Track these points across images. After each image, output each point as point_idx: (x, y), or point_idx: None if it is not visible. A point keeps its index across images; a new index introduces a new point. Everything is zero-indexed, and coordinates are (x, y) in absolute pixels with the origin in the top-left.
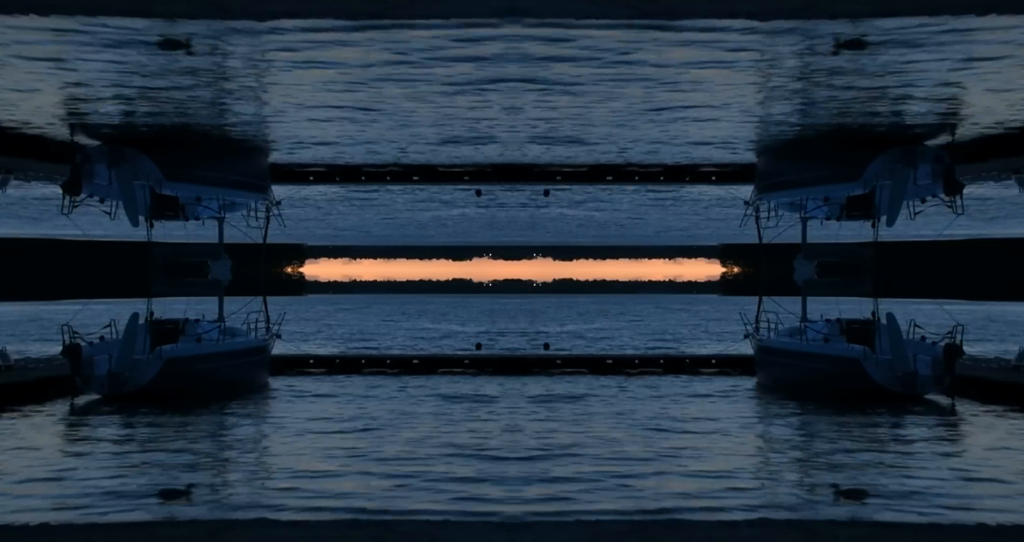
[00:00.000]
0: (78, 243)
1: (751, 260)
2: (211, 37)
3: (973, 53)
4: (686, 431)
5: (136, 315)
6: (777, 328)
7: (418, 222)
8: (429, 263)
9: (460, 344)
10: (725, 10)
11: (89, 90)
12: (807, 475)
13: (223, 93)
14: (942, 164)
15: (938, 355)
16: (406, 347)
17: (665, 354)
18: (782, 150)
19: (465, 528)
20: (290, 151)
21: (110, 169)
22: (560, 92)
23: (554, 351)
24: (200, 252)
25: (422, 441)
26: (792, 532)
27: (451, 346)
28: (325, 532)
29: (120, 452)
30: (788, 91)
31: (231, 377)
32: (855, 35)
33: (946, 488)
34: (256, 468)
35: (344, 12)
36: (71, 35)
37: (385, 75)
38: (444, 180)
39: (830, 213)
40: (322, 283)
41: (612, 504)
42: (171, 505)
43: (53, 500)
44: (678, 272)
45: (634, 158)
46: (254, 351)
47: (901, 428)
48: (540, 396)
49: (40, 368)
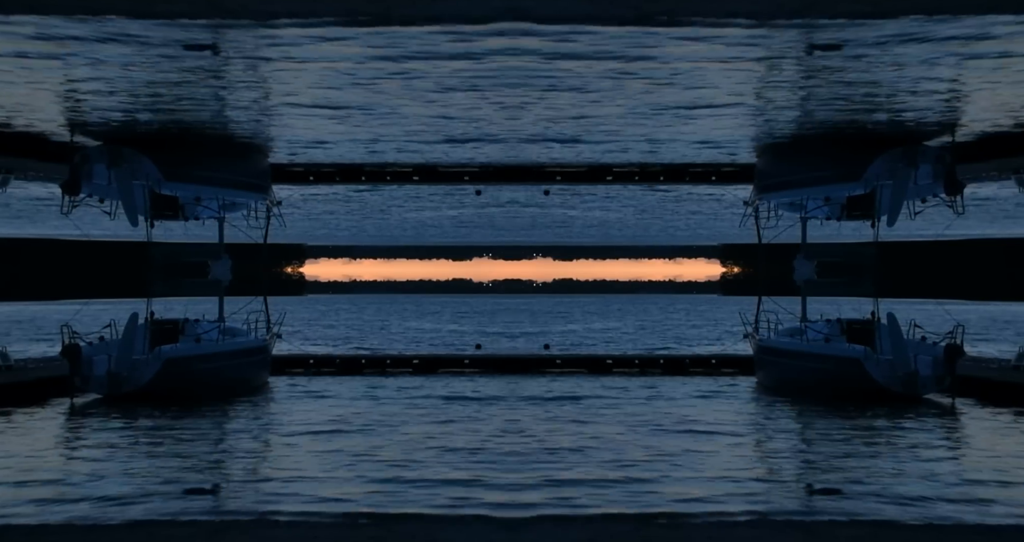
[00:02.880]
0: (78, 243)
1: (751, 260)
2: (211, 37)
3: (972, 52)
4: (686, 431)
5: (135, 315)
6: (777, 328)
7: (418, 222)
8: (429, 263)
9: (461, 342)
10: (725, 10)
11: (89, 90)
12: (807, 475)
13: (223, 93)
14: (943, 164)
15: (938, 355)
16: (405, 347)
17: (665, 354)
18: (781, 150)
19: (465, 528)
20: (290, 151)
21: (109, 169)
22: (560, 92)
23: (554, 351)
24: (200, 252)
25: (422, 441)
26: (793, 532)
27: (452, 346)
28: (324, 532)
29: (119, 453)
30: (788, 91)
31: (232, 377)
32: (855, 35)
33: (947, 488)
34: (255, 468)
35: (344, 12)
36: (71, 36)
37: (385, 75)
38: (444, 180)
39: (830, 213)
40: (322, 283)
41: (612, 504)
42: (170, 505)
43: (52, 501)
44: (678, 272)
45: (634, 158)
46: (254, 351)
47: (901, 428)
48: (540, 397)
49: (40, 368)
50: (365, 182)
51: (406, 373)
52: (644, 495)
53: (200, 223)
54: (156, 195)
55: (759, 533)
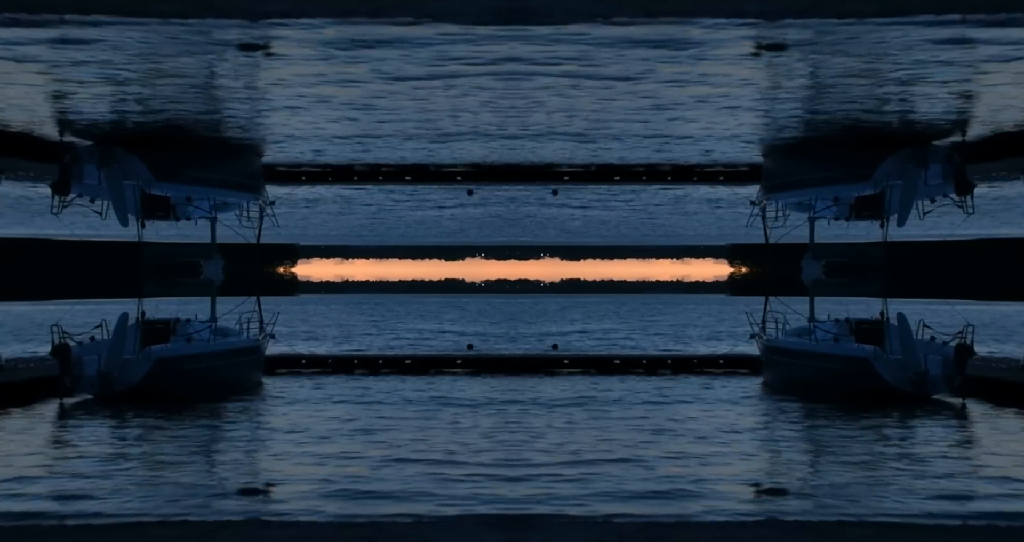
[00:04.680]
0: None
1: (759, 260)
2: (204, 37)
3: (981, 54)
4: (694, 431)
5: (125, 315)
6: (784, 328)
7: (415, 222)
8: (426, 263)
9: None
10: (733, 9)
11: (80, 90)
12: (815, 475)
13: (216, 92)
14: (953, 164)
15: (948, 356)
16: (399, 347)
17: (673, 354)
18: (789, 150)
19: (459, 529)
20: (283, 151)
21: (99, 169)
22: (566, 92)
23: (561, 351)
24: (192, 252)
25: (415, 441)
26: (800, 532)
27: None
28: (317, 532)
29: (111, 453)
30: (796, 90)
31: (224, 377)
32: (863, 34)
33: (955, 489)
34: (247, 469)
35: (337, 11)
36: (63, 31)
37: (378, 74)
38: (438, 180)
39: (839, 213)
40: (314, 283)
41: (619, 504)
42: (163, 506)
43: (44, 501)
44: (686, 272)
45: (642, 158)
46: (247, 351)
47: (909, 428)
48: (546, 396)
49: (31, 369)
50: (358, 182)
51: (399, 373)
52: (651, 495)
53: (192, 223)
54: (146, 195)
55: (766, 533)
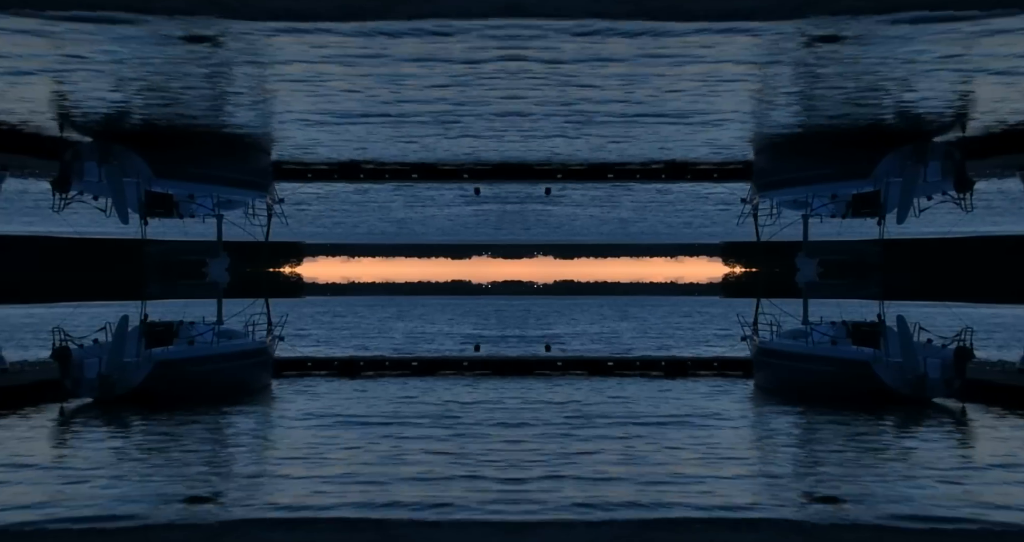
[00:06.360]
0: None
1: (752, 258)
2: (210, 34)
3: (973, 50)
4: (688, 433)
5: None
6: (776, 330)
7: (416, 220)
8: (428, 262)
9: (461, 346)
10: (725, 7)
11: (86, 87)
12: (810, 478)
13: (223, 90)
14: (952, 161)
15: (946, 358)
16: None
17: (666, 356)
18: (780, 147)
19: (464, 532)
20: (290, 149)
21: (99, 166)
22: (560, 90)
23: (555, 353)
24: (197, 251)
25: (421, 443)
26: (795, 536)
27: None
28: (322, 535)
29: (116, 457)
30: (789, 88)
31: (232, 380)
32: (856, 31)
33: (951, 493)
34: (252, 471)
35: (344, 10)
36: (70, 32)
37: (384, 71)
38: (443, 178)
39: (835, 210)
40: (320, 285)
41: (613, 508)
42: (167, 509)
43: (48, 505)
44: (680, 273)
45: (635, 156)
46: (255, 353)
47: (905, 431)
48: (540, 398)
49: (34, 371)
50: (364, 180)
51: (405, 375)
52: (646, 497)
53: (199, 221)
54: (151, 193)
55: (761, 537)
